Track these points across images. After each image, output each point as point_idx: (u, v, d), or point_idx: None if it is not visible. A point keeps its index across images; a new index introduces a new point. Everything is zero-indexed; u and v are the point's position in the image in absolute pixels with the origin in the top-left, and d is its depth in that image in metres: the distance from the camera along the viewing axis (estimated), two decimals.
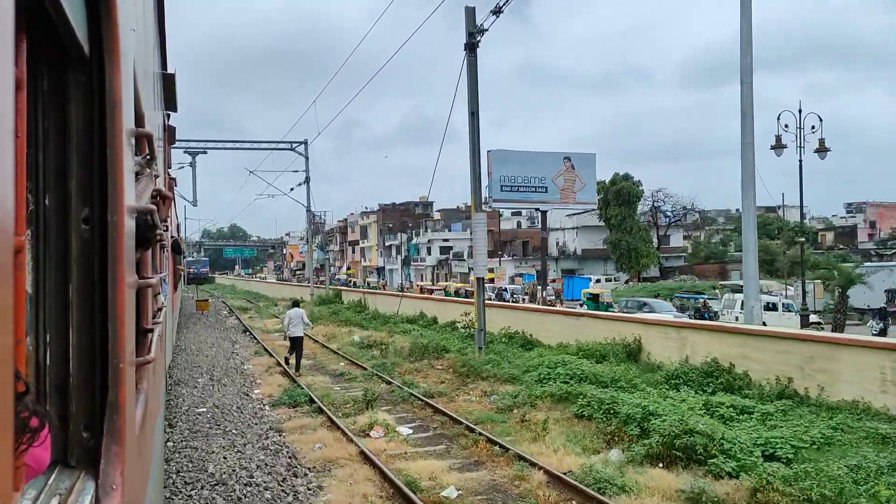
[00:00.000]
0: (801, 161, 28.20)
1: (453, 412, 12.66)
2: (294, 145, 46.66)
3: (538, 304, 39.87)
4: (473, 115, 18.93)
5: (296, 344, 17.88)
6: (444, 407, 13.18)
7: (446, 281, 72.79)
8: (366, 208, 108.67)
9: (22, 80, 0.94)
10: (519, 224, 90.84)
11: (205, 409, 13.35)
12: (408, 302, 33.66)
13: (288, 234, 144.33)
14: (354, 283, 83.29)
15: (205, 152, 44.67)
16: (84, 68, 1.53)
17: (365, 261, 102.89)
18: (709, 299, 37.39)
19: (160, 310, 4.13)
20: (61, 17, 1.24)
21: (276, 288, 74.40)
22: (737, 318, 26.51)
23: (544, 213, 46.08)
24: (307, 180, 47.24)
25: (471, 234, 20.20)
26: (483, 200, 55.31)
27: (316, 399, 13.85)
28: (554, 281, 56.69)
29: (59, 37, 1.35)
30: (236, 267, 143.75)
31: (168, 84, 7.02)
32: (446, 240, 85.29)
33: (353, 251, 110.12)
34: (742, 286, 39.33)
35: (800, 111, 27.56)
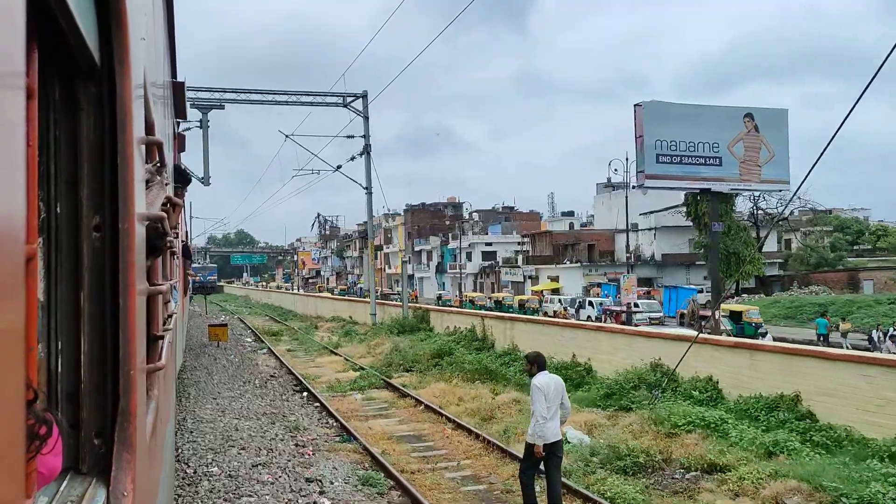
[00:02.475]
0: None
1: None
2: (348, 99, 33.48)
3: (704, 331, 24.15)
4: None
5: (552, 454, 7.53)
6: None
7: (493, 292, 62.42)
8: (388, 210, 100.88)
9: (33, 90, 0.95)
10: (571, 225, 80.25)
11: None
12: (571, 334, 18.61)
13: (299, 240, 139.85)
14: (383, 294, 73.86)
15: (221, 107, 32.46)
16: (95, 78, 1.54)
17: (390, 268, 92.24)
18: None
19: (171, 316, 4.15)
20: (72, 27, 1.25)
21: (310, 303, 55.35)
22: None
23: (716, 194, 31.23)
24: (367, 150, 33.56)
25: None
26: (606, 182, 50.59)
27: None
28: (649, 293, 44.39)
29: (70, 47, 1.36)
30: (244, 275, 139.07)
31: (177, 92, 7.06)
32: (489, 244, 73.61)
33: (376, 257, 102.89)
34: None
35: None
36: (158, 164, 2.68)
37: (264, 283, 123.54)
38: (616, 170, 39.96)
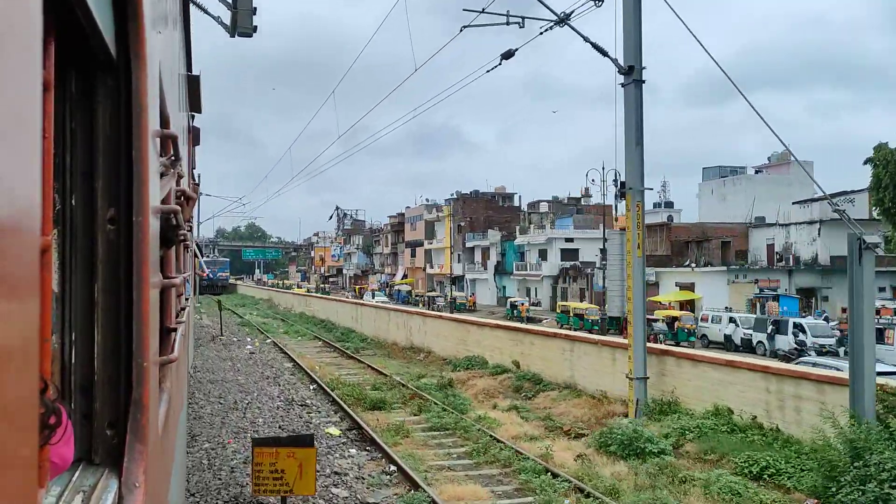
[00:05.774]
0: None
1: None
2: None
3: None
4: None
5: None
6: None
7: (581, 300, 47.77)
8: (427, 200, 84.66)
9: (50, 82, 0.96)
10: (670, 218, 61.67)
11: None
12: None
13: (317, 235, 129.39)
14: (433, 301, 57.41)
15: None
16: (111, 71, 1.55)
17: (432, 267, 75.90)
18: None
19: (183, 309, 4.17)
20: (89, 20, 1.26)
21: (391, 320, 29.63)
22: None
23: None
24: None
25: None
26: None
27: None
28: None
29: (87, 40, 1.37)
30: (256, 271, 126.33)
31: (193, 85, 7.09)
32: (570, 240, 57.18)
33: (414, 254, 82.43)
34: None
35: None
36: (173, 158, 2.69)
37: (281, 282, 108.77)
38: None
